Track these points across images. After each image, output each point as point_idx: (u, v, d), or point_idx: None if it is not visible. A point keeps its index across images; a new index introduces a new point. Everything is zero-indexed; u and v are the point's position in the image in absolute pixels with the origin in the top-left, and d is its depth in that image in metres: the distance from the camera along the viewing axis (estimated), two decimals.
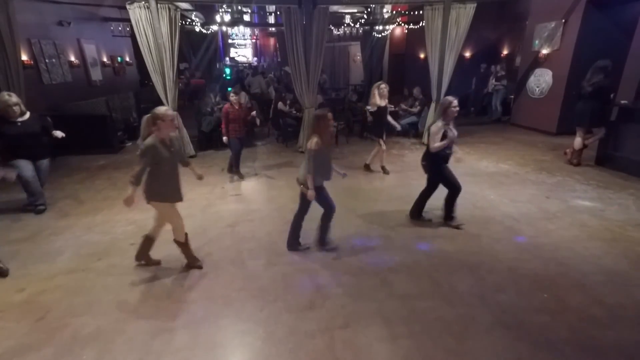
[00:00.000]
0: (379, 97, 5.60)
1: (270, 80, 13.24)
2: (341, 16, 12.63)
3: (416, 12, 10.24)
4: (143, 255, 3.38)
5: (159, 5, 6.11)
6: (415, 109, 8.39)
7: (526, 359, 2.33)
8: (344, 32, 14.14)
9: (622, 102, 5.78)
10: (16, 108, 4.31)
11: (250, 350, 2.46)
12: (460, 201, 4.72)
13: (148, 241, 3.32)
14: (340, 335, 2.54)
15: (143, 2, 6.05)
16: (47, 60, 7.69)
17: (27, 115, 4.45)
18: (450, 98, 3.76)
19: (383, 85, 5.63)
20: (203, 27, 12.04)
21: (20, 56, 6.59)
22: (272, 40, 22.88)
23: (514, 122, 9.41)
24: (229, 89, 10.21)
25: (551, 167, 6.05)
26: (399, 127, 5.84)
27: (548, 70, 8.21)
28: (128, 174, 2.99)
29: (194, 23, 11.76)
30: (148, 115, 3.01)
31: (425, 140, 7.75)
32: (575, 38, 7.49)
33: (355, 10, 12.18)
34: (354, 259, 3.50)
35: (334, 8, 10.75)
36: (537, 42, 8.43)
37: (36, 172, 4.54)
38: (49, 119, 4.97)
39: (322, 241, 3.65)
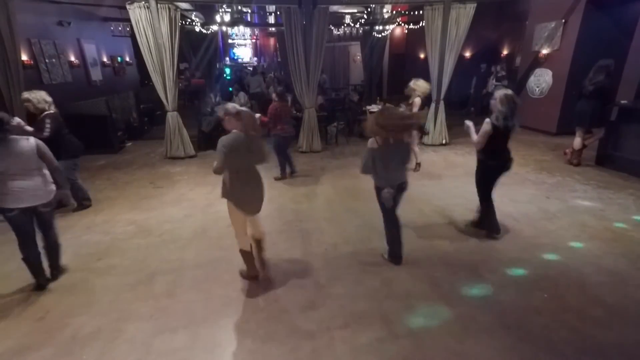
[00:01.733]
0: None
1: (271, 80, 13.24)
2: (341, 16, 12.62)
3: (416, 12, 10.24)
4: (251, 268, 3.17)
5: (159, 5, 6.11)
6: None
7: (526, 359, 2.33)
8: (344, 32, 14.13)
9: (622, 102, 5.78)
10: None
11: (250, 350, 2.46)
12: (461, 201, 4.73)
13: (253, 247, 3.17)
14: (340, 335, 2.54)
15: (143, 2, 6.06)
16: (47, 60, 7.69)
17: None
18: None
19: None
20: (203, 27, 12.04)
21: (20, 56, 6.59)
22: (272, 40, 22.86)
23: None
24: (230, 89, 10.21)
25: (551, 167, 6.05)
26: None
27: (548, 70, 8.21)
28: (128, 174, 2.98)
29: (194, 23, 11.76)
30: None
31: (425, 139, 7.79)
32: (575, 38, 7.48)
33: (355, 10, 12.17)
34: (354, 258, 3.50)
35: (334, 8, 10.75)
36: (537, 42, 8.43)
37: None
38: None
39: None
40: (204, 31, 12.33)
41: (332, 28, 12.20)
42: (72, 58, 8.77)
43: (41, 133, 3.98)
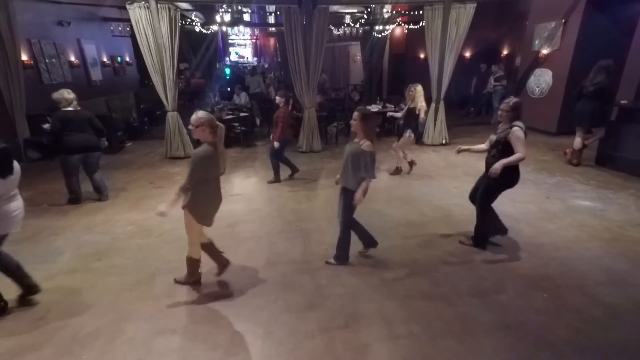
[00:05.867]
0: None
1: (271, 80, 13.25)
2: (341, 16, 12.62)
3: (416, 12, 10.25)
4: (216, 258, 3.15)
5: (159, 5, 6.12)
6: None
7: (526, 359, 2.33)
8: (344, 32, 14.14)
9: (622, 102, 5.78)
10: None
11: (250, 350, 2.45)
12: (461, 201, 4.72)
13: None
14: (340, 335, 2.54)
15: (143, 2, 6.06)
16: (47, 60, 7.70)
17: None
18: None
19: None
20: (203, 27, 12.05)
21: (20, 56, 6.60)
22: (272, 40, 22.86)
23: None
24: (228, 89, 10.20)
25: (551, 167, 6.05)
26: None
27: (548, 70, 8.21)
28: (128, 174, 2.97)
29: (194, 23, 11.77)
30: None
31: (424, 139, 7.77)
32: (575, 38, 7.48)
33: (355, 10, 12.17)
34: (354, 259, 3.49)
35: (334, 8, 10.75)
36: (537, 42, 8.43)
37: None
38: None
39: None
40: (204, 31, 12.35)
41: (332, 28, 12.20)
42: (72, 58, 8.78)
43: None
